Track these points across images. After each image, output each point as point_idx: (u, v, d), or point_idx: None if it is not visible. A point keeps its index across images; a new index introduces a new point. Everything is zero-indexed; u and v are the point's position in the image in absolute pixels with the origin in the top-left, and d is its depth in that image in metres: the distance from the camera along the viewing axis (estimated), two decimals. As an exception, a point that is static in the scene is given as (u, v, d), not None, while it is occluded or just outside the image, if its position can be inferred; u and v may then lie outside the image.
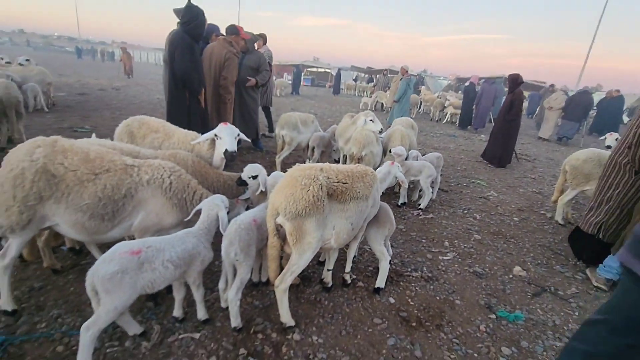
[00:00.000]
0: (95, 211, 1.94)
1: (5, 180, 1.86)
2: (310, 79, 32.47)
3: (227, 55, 4.60)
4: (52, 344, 1.95)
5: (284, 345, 2.14)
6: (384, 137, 5.01)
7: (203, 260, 2.06)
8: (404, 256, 3.38)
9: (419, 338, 2.34)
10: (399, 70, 12.18)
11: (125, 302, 1.75)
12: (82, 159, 1.95)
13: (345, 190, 2.24)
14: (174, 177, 2.12)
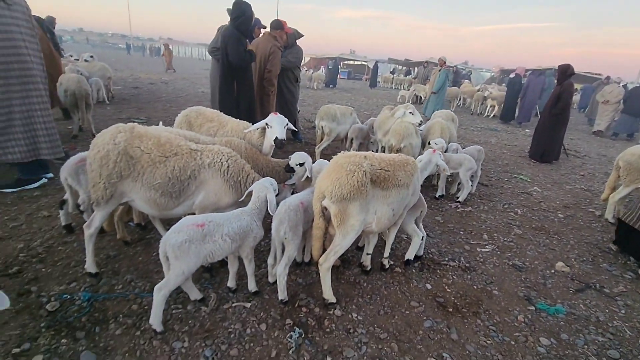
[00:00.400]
0: (165, 189, 2.21)
1: (93, 160, 2.18)
2: (346, 71, 32.35)
3: (271, 49, 4.82)
4: (128, 303, 2.26)
5: (326, 319, 2.31)
6: (423, 129, 5.02)
7: (255, 237, 2.27)
8: (441, 246, 3.43)
9: (455, 323, 2.42)
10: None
11: (190, 268, 2.00)
12: (154, 143, 2.22)
13: (387, 178, 2.36)
14: (231, 161, 2.34)
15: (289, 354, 2.00)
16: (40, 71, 3.58)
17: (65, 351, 1.87)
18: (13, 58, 3.28)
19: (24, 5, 3.42)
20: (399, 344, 2.18)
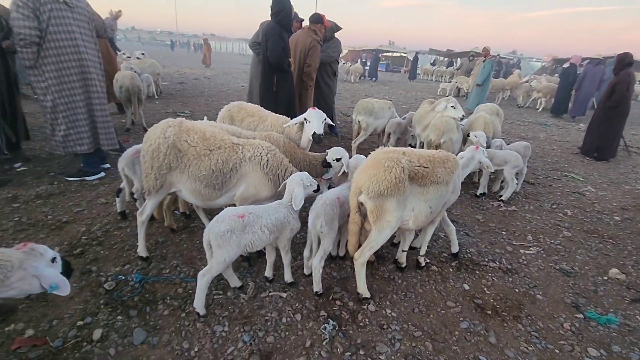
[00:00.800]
0: (209, 181, 2.33)
1: (146, 153, 2.35)
2: (385, 64, 31.68)
3: (311, 43, 4.85)
4: (174, 287, 2.43)
5: (360, 313, 2.34)
6: (465, 124, 4.83)
7: (292, 229, 2.33)
8: (481, 246, 3.31)
9: (494, 326, 2.34)
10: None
11: (231, 256, 2.11)
12: (200, 137, 2.34)
13: (426, 175, 2.32)
14: (270, 155, 2.42)
15: (322, 345, 2.06)
16: (97, 69, 3.87)
17: (120, 327, 2.06)
18: (74, 56, 3.56)
19: (85, 7, 3.70)
20: (433, 343, 2.16)
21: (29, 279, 1.40)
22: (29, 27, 3.20)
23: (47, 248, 1.54)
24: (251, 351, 1.97)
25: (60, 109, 3.58)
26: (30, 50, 3.31)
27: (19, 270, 1.37)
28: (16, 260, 1.37)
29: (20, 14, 3.17)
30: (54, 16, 3.36)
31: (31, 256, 1.44)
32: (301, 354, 1.99)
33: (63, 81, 3.53)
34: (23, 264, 1.39)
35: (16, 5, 3.17)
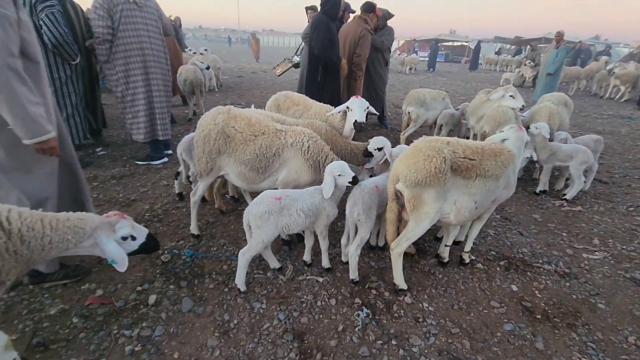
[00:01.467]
0: (253, 165, 2.46)
1: (198, 138, 2.54)
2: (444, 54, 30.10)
3: (362, 33, 4.79)
4: (220, 263, 2.62)
5: (395, 304, 2.31)
6: (526, 115, 4.44)
7: (328, 215, 2.36)
8: (536, 247, 3.06)
9: (543, 331, 2.17)
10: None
11: (269, 236, 2.21)
12: (246, 123, 2.47)
13: (471, 167, 2.19)
14: (312, 142, 2.47)
15: (355, 331, 2.08)
16: (162, 65, 4.18)
17: (172, 295, 2.28)
18: (138, 52, 3.90)
19: (154, 7, 4.05)
20: (471, 341, 2.07)
21: (96, 247, 1.61)
22: (103, 27, 3.60)
23: (124, 226, 1.67)
24: (285, 329, 2.07)
25: (126, 100, 3.99)
26: (104, 47, 3.73)
27: (90, 239, 1.58)
28: (89, 229, 1.58)
29: (97, 15, 3.58)
30: (124, 15, 3.72)
31: (105, 228, 1.63)
32: (333, 337, 2.03)
33: (129, 74, 3.90)
34: (94, 234, 1.59)
35: (94, 8, 3.59)
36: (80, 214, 1.62)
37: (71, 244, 1.54)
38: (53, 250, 1.51)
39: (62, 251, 1.55)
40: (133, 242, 1.72)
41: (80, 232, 1.57)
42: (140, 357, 1.85)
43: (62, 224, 1.53)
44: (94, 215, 1.65)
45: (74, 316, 2.07)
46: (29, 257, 1.47)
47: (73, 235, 1.54)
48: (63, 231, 1.52)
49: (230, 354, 1.89)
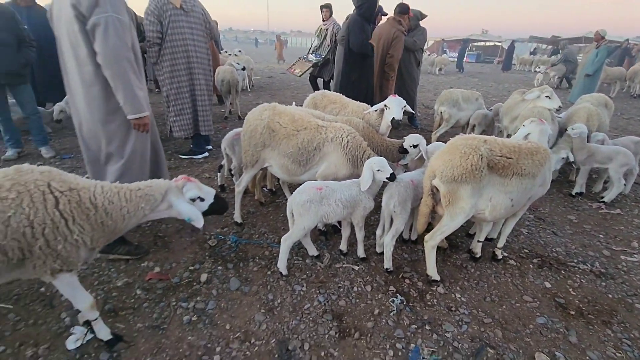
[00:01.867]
0: (295, 158, 2.64)
1: (245, 132, 2.76)
2: (475, 54, 29.36)
3: (395, 34, 4.89)
4: (262, 249, 2.81)
5: (428, 294, 2.42)
6: (563, 116, 4.38)
7: (365, 207, 2.50)
8: (570, 247, 3.05)
9: (577, 327, 2.21)
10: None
11: (310, 224, 2.37)
12: (290, 119, 2.66)
13: (508, 165, 2.25)
14: (350, 137, 2.62)
15: (390, 315, 2.21)
16: (205, 66, 4.46)
17: (220, 275, 2.50)
18: (183, 54, 4.17)
19: (200, 12, 4.33)
20: (504, 331, 2.14)
21: (172, 210, 1.80)
22: (153, 31, 3.92)
23: (192, 188, 1.83)
24: (325, 310, 2.23)
25: (171, 99, 4.29)
26: (154, 50, 4.05)
27: (163, 202, 1.78)
28: (159, 195, 1.77)
29: (148, 20, 3.90)
30: (172, 21, 4.02)
31: (174, 191, 1.79)
32: (369, 320, 2.17)
33: (174, 75, 4.20)
34: (166, 197, 1.79)
35: (146, 14, 3.93)
36: (149, 181, 1.82)
37: (147, 210, 1.75)
38: (133, 219, 1.73)
39: (141, 218, 1.77)
40: (202, 203, 1.87)
41: (152, 199, 1.76)
42: (197, 326, 2.06)
43: (134, 195, 1.73)
44: (161, 181, 1.83)
45: (137, 288, 2.33)
46: (113, 227, 1.70)
47: (146, 203, 1.74)
48: (136, 201, 1.73)
49: (275, 328, 2.07)
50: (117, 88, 2.26)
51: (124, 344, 1.91)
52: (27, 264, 1.52)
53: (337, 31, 6.49)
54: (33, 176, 1.51)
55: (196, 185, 1.86)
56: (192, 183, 1.85)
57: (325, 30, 6.58)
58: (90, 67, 2.24)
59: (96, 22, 2.12)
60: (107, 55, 2.17)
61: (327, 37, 6.54)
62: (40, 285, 2.30)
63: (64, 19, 2.19)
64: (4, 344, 1.88)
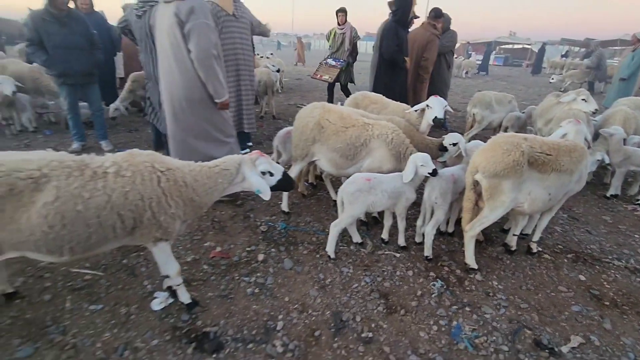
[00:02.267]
0: (343, 152, 2.88)
1: (296, 128, 3.03)
2: (503, 57, 28.78)
3: (429, 37, 5.07)
4: (309, 236, 3.07)
5: (467, 280, 2.60)
6: (599, 119, 4.43)
7: (407, 198, 2.71)
8: (605, 244, 3.15)
9: (611, 315, 2.33)
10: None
11: (357, 212, 2.61)
12: (339, 117, 2.91)
13: (547, 162, 2.42)
14: (395, 134, 2.84)
15: (431, 297, 2.41)
16: (249, 67, 4.78)
17: (274, 255, 2.77)
18: (232, 57, 4.48)
19: (248, 17, 4.66)
20: (540, 316, 2.30)
21: (246, 182, 2.04)
22: None
23: (264, 162, 2.02)
24: (372, 289, 2.45)
25: None
26: None
27: (239, 175, 2.03)
28: (234, 169, 2.02)
29: None
30: (225, 27, 4.34)
31: (247, 164, 1.99)
32: (413, 299, 2.38)
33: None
34: (240, 170, 2.04)
35: None
36: (224, 158, 2.05)
37: (225, 184, 2.00)
38: (215, 194, 2.00)
39: (222, 192, 2.03)
40: (271, 177, 2.04)
41: (228, 173, 2.00)
42: (259, 298, 2.34)
43: (212, 172, 1.98)
44: (235, 156, 2.06)
45: (203, 264, 2.63)
46: (199, 202, 1.98)
47: (223, 178, 1.99)
48: (215, 177, 1.98)
49: (329, 302, 2.32)
50: (207, 79, 2.93)
51: (200, 308, 2.20)
52: (136, 233, 1.83)
53: (355, 35, 6.68)
54: (142, 158, 1.82)
55: (267, 160, 2.05)
56: (264, 158, 2.04)
57: (342, 34, 6.63)
58: (189, 63, 2.90)
59: (191, 27, 2.76)
60: (199, 53, 2.82)
61: (345, 41, 6.58)
62: (122, 258, 2.64)
63: (167, 24, 2.83)
64: (102, 303, 2.21)
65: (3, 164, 1.49)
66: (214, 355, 1.90)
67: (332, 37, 6.79)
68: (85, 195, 1.59)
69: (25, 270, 2.46)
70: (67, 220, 1.56)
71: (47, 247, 1.60)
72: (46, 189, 1.53)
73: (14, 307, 2.14)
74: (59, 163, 1.59)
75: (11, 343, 1.90)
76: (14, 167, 1.50)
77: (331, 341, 2.03)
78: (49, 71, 4.41)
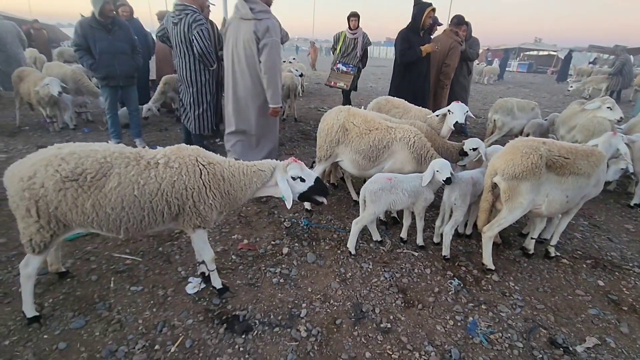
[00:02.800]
0: (366, 154, 3.02)
1: (322, 130, 3.19)
2: (527, 64, 28.22)
3: (452, 44, 5.15)
4: (330, 233, 3.21)
5: (483, 280, 2.68)
6: (624, 127, 4.39)
7: (426, 199, 2.82)
8: (626, 252, 3.15)
9: (629, 320, 2.36)
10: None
11: (379, 210, 2.74)
12: (363, 120, 3.05)
13: (565, 165, 2.49)
14: (417, 138, 2.95)
15: (448, 294, 2.50)
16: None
17: (298, 250, 2.93)
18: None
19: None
20: (556, 317, 2.35)
21: (277, 187, 2.20)
22: None
23: (293, 167, 2.13)
24: (390, 284, 2.57)
25: None
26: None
27: (272, 179, 2.19)
28: (269, 172, 2.18)
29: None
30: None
31: (280, 169, 2.15)
32: (430, 296, 2.48)
33: None
34: (274, 174, 2.20)
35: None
36: (262, 161, 2.21)
37: (259, 184, 2.16)
38: (248, 191, 2.17)
39: (255, 192, 2.20)
40: (302, 183, 2.16)
41: (263, 174, 2.15)
42: (284, 287, 2.49)
43: (250, 170, 2.15)
44: (272, 161, 2.21)
45: (232, 255, 2.82)
46: (234, 197, 2.16)
47: (257, 178, 2.15)
48: (250, 176, 2.15)
49: (349, 294, 2.45)
50: (269, 86, 3.55)
51: (230, 294, 2.38)
52: (179, 219, 2.03)
53: (367, 41, 6.53)
54: (188, 152, 2.02)
55: (299, 166, 2.18)
56: (296, 164, 2.18)
57: (354, 39, 6.39)
58: (259, 71, 3.55)
59: (265, 43, 3.40)
60: (267, 65, 3.48)
61: (357, 47, 6.44)
62: (158, 246, 2.86)
63: (244, 38, 3.47)
64: (141, 285, 2.42)
65: (75, 152, 1.72)
66: (243, 336, 2.06)
67: (342, 41, 6.48)
68: (141, 182, 1.80)
69: (74, 253, 2.72)
70: (125, 204, 1.77)
71: (107, 227, 1.82)
72: (111, 175, 1.74)
73: (66, 285, 2.39)
74: (120, 154, 1.81)
75: (66, 315, 2.13)
76: (85, 154, 1.72)
77: (351, 329, 2.16)
78: (95, 74, 4.76)
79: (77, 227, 1.84)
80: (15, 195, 1.69)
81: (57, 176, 1.66)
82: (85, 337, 1.99)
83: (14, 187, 1.69)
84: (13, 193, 1.70)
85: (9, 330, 2.00)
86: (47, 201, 1.68)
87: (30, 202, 1.67)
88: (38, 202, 1.68)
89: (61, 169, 1.66)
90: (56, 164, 1.67)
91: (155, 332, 2.06)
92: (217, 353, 1.95)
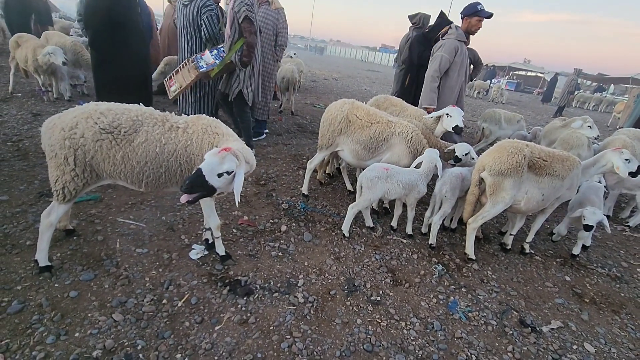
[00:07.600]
0: (366, 145, 3.21)
1: (325, 120, 3.36)
2: (515, 82, 29.23)
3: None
4: (325, 217, 3.39)
5: (465, 268, 2.92)
6: (600, 145, 4.76)
7: (419, 191, 3.04)
8: (592, 255, 3.46)
9: (589, 310, 2.64)
10: None
11: (374, 197, 2.93)
12: (365, 113, 3.25)
13: (543, 166, 2.76)
14: (414, 134, 3.17)
15: (432, 277, 2.72)
16: (272, 62, 5.20)
17: (295, 229, 3.09)
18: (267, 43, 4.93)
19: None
20: (526, 302, 2.61)
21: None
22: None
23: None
24: (380, 265, 2.77)
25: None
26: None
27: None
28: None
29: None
30: (260, 17, 4.79)
31: None
32: (416, 277, 2.70)
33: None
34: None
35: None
36: None
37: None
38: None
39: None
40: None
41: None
42: (282, 260, 2.66)
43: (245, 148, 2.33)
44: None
45: (233, 228, 2.96)
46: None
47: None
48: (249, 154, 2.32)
49: (343, 270, 2.63)
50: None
51: (232, 261, 2.52)
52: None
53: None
54: (203, 122, 2.16)
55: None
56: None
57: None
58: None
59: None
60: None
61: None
62: (161, 215, 2.97)
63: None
64: (146, 248, 2.54)
65: (112, 109, 1.84)
66: (245, 298, 2.21)
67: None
68: (162, 141, 1.94)
69: (79, 215, 2.80)
70: (149, 159, 1.91)
71: (131, 179, 1.95)
72: (140, 131, 1.87)
73: (73, 242, 2.48)
74: (150, 114, 1.94)
75: (75, 268, 2.22)
76: (121, 111, 1.85)
77: (344, 299, 2.35)
78: None
79: (107, 178, 1.95)
80: (55, 144, 1.81)
81: (96, 127, 1.78)
82: (95, 289, 2.10)
83: (55, 137, 1.81)
84: (54, 142, 1.82)
85: (20, 277, 2.09)
86: (85, 150, 1.80)
87: (70, 150, 1.79)
88: (77, 150, 1.80)
89: (100, 122, 1.79)
90: (96, 117, 1.80)
91: (162, 289, 2.18)
92: (221, 310, 2.10)
